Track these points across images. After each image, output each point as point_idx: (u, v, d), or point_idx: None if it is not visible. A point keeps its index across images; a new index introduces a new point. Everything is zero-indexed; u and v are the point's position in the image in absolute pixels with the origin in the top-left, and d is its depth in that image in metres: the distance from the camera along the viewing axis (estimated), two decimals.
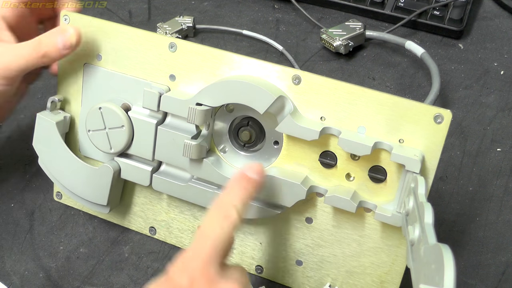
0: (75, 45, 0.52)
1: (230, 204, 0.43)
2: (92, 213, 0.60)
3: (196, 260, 0.40)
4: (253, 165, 0.46)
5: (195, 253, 0.40)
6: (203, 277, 0.39)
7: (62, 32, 0.51)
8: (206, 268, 0.40)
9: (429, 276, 0.35)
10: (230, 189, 0.44)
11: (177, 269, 0.40)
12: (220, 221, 0.42)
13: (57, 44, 0.51)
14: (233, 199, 0.43)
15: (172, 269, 0.40)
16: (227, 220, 0.42)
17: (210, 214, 0.43)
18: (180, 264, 0.40)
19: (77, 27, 0.52)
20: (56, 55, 0.52)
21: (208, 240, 0.41)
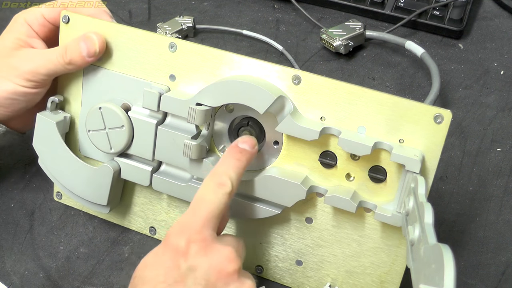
0: (99, 53, 0.52)
1: (223, 173, 0.45)
2: (92, 213, 0.60)
3: (192, 224, 0.42)
4: (245, 137, 0.49)
5: (191, 217, 0.43)
6: (199, 239, 0.42)
7: (86, 39, 0.52)
8: (202, 231, 0.42)
9: (429, 276, 0.35)
10: (224, 160, 0.47)
11: (174, 233, 0.42)
12: (215, 189, 0.44)
13: (81, 51, 0.52)
14: (226, 168, 0.46)
15: (170, 233, 0.43)
16: (221, 188, 0.44)
17: (205, 182, 0.45)
18: (177, 228, 0.43)
19: (101, 34, 0.52)
20: (81, 63, 0.52)
21: (203, 206, 0.43)
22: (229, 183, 0.45)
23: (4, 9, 0.87)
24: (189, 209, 0.44)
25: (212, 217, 0.43)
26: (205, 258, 0.41)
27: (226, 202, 0.44)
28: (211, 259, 0.41)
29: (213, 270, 0.41)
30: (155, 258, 0.42)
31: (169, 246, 0.42)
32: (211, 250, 0.42)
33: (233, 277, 0.41)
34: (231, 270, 0.41)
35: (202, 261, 0.41)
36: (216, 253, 0.42)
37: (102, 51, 0.52)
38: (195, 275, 0.41)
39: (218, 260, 0.41)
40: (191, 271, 0.41)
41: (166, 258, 0.42)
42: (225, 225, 0.48)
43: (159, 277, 0.41)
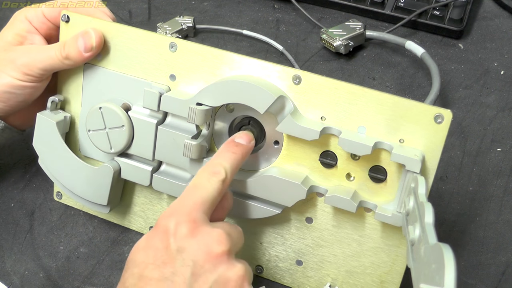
0: (96, 48, 0.52)
1: (218, 164, 0.46)
2: (92, 213, 0.60)
3: (183, 207, 0.43)
4: (241, 133, 0.50)
5: (183, 201, 0.44)
6: (188, 220, 0.42)
7: (83, 35, 0.52)
8: (192, 213, 0.42)
9: (429, 276, 0.35)
10: (219, 153, 0.48)
11: (165, 216, 0.43)
12: (208, 177, 0.45)
13: (78, 47, 0.52)
14: (221, 160, 0.47)
15: (161, 216, 0.43)
16: (215, 176, 0.45)
17: (199, 172, 0.46)
18: (168, 211, 0.43)
19: (99, 30, 0.52)
20: (78, 58, 0.52)
21: (196, 191, 0.44)
22: (223, 172, 0.45)
23: (4, 9, 0.87)
24: (181, 195, 0.44)
25: (204, 202, 0.43)
26: (194, 239, 0.41)
27: (220, 189, 0.45)
28: (200, 241, 0.41)
29: (201, 251, 0.41)
30: (146, 241, 0.43)
31: (159, 228, 0.42)
32: (200, 232, 0.42)
33: (221, 259, 0.41)
34: (220, 251, 0.41)
35: (190, 243, 0.41)
36: (205, 235, 0.42)
37: (100, 47, 0.52)
38: (183, 256, 0.41)
39: (206, 242, 0.41)
40: (179, 253, 0.41)
41: (156, 240, 0.42)
42: (224, 215, 0.48)
43: (148, 258, 0.41)
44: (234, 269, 0.41)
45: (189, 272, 0.40)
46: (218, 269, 0.41)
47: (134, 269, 0.41)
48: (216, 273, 0.41)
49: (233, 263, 0.42)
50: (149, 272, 0.41)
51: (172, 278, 0.40)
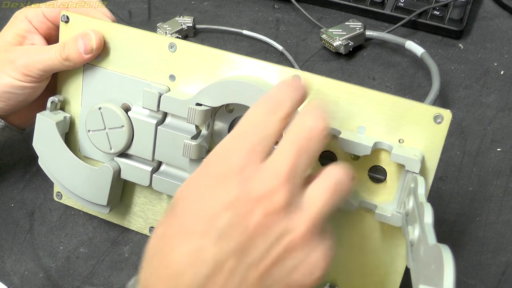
0: (96, 50, 0.52)
1: (280, 99, 0.38)
2: (92, 213, 0.60)
3: (239, 147, 0.37)
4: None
5: (235, 139, 0.37)
6: (247, 166, 0.36)
7: (83, 36, 0.52)
8: (248, 157, 0.36)
9: (429, 277, 0.35)
10: (280, 88, 0.39)
11: (216, 157, 0.37)
12: (266, 112, 0.38)
13: (78, 48, 0.52)
14: (285, 96, 0.38)
15: (209, 158, 0.38)
16: (275, 113, 0.37)
17: (255, 106, 0.38)
18: (219, 151, 0.37)
19: (99, 32, 0.52)
20: (78, 60, 0.52)
21: (248, 127, 0.38)
22: (286, 108, 0.38)
23: (4, 9, 0.87)
24: (231, 132, 0.38)
25: (258, 141, 0.37)
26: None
27: (279, 127, 0.38)
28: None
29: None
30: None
31: (209, 168, 0.37)
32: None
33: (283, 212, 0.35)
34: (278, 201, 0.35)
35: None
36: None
37: (100, 48, 0.52)
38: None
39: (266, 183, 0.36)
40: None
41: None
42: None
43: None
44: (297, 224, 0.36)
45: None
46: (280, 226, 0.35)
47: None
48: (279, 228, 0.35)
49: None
50: (192, 226, 0.36)
51: None
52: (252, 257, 0.35)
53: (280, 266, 0.35)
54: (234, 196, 0.35)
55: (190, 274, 0.34)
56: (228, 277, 0.35)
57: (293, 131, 0.37)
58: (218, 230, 0.35)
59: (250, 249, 0.35)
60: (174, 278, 0.35)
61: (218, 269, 0.34)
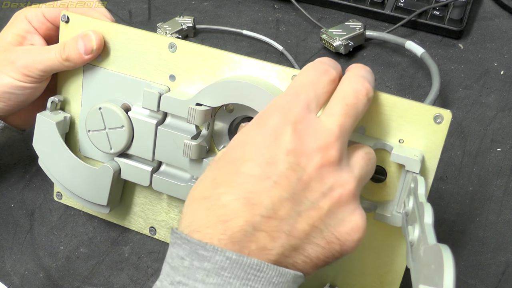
0: (96, 50, 0.52)
1: (327, 65, 0.41)
2: (92, 213, 0.60)
3: (293, 104, 0.38)
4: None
5: (290, 95, 0.39)
6: (304, 119, 0.38)
7: (83, 37, 0.52)
8: (305, 111, 0.38)
9: (428, 277, 0.35)
10: (323, 59, 0.42)
11: (271, 111, 0.38)
12: (317, 74, 0.40)
13: (78, 49, 0.52)
14: (330, 63, 0.42)
15: (263, 113, 0.39)
16: (325, 75, 0.40)
17: (305, 69, 0.41)
18: (273, 106, 0.39)
19: (99, 32, 0.52)
20: (79, 60, 0.53)
21: (303, 85, 0.39)
22: (334, 73, 0.41)
23: (4, 9, 0.87)
24: (286, 90, 0.40)
25: (312, 99, 0.39)
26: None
27: (330, 87, 0.41)
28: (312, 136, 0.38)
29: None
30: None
31: (264, 121, 0.38)
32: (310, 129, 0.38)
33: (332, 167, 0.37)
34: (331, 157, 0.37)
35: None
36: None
37: (100, 49, 0.52)
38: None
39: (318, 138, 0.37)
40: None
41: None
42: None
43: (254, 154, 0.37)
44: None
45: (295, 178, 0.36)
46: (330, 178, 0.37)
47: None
48: (327, 184, 0.37)
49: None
50: (248, 169, 0.37)
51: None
52: (304, 206, 0.36)
53: (328, 218, 0.37)
54: (292, 145, 0.36)
55: (245, 216, 0.35)
56: (279, 224, 0.36)
57: (342, 92, 0.40)
58: (277, 174, 0.36)
59: (303, 198, 0.36)
60: (227, 219, 0.35)
61: (271, 214, 0.35)
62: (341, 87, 0.40)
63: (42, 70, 0.53)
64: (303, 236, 0.37)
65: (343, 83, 0.41)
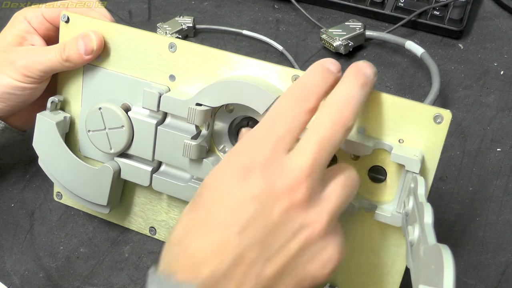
0: (96, 51, 0.52)
1: (309, 88, 0.40)
2: (92, 213, 0.60)
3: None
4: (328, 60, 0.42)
5: (263, 130, 0.39)
6: (273, 160, 0.37)
7: (84, 37, 0.52)
8: (274, 151, 0.37)
9: (428, 277, 0.35)
10: (311, 74, 0.41)
11: (242, 148, 0.38)
12: (293, 103, 0.39)
13: (79, 49, 0.52)
14: (315, 83, 0.40)
15: (235, 148, 0.39)
16: (303, 104, 0.39)
17: (284, 95, 0.40)
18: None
19: (99, 33, 0.52)
20: (79, 61, 0.52)
21: (276, 118, 0.39)
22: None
23: (4, 9, 0.87)
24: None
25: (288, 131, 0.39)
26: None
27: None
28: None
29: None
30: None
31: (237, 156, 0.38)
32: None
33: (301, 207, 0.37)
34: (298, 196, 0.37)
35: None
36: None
37: (100, 49, 0.52)
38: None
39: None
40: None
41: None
42: None
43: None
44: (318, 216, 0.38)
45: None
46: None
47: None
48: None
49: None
50: (216, 216, 0.37)
51: None
52: (271, 250, 0.36)
53: (297, 259, 0.37)
54: (259, 189, 0.36)
55: (213, 265, 0.35)
56: (247, 270, 0.36)
57: (318, 123, 0.38)
58: (242, 222, 0.36)
59: (270, 242, 0.36)
60: (196, 268, 0.36)
61: (239, 260, 0.36)
62: (318, 115, 0.39)
63: (42, 71, 0.53)
64: (272, 279, 0.36)
65: (319, 112, 0.39)
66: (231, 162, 0.38)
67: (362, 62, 0.41)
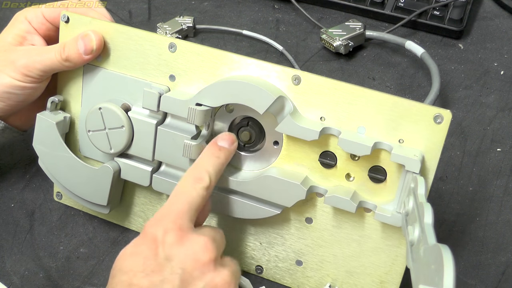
0: (96, 51, 0.52)
1: (202, 169, 0.47)
2: (92, 213, 0.60)
3: (169, 214, 0.44)
4: (224, 134, 0.50)
5: (169, 208, 0.44)
6: (175, 228, 0.43)
7: (83, 37, 0.52)
8: (178, 220, 0.43)
9: (428, 277, 0.35)
10: (203, 156, 0.48)
11: (152, 223, 0.44)
12: (192, 183, 0.46)
13: (78, 49, 0.52)
14: (206, 165, 0.47)
15: (147, 224, 0.44)
16: (200, 183, 0.46)
17: (184, 177, 0.47)
18: (155, 219, 0.44)
19: (99, 33, 0.52)
20: (78, 60, 0.53)
21: (181, 198, 0.45)
22: (207, 178, 0.46)
23: (4, 9, 0.87)
24: (167, 202, 0.45)
25: (189, 209, 0.44)
26: (182, 247, 0.42)
27: (204, 196, 0.46)
28: (187, 249, 0.42)
29: (189, 259, 0.42)
30: (134, 249, 0.43)
31: (147, 236, 0.43)
32: (187, 240, 0.43)
33: (209, 266, 0.42)
34: (207, 259, 0.42)
35: (178, 251, 0.42)
36: (193, 243, 0.43)
37: (100, 49, 0.52)
38: (172, 264, 0.42)
39: (194, 250, 0.42)
40: (168, 261, 0.42)
41: (144, 248, 0.42)
42: (204, 219, 0.49)
43: (137, 266, 0.42)
44: (220, 275, 0.43)
45: (178, 280, 0.41)
46: (206, 276, 0.42)
47: (122, 277, 0.42)
48: (204, 280, 0.42)
49: (220, 270, 0.43)
50: (138, 280, 0.41)
51: (162, 286, 0.41)
52: None
53: None
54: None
55: None
56: None
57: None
58: None
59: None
60: None
61: None
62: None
63: (42, 70, 0.53)
64: None
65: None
66: (139, 243, 0.43)
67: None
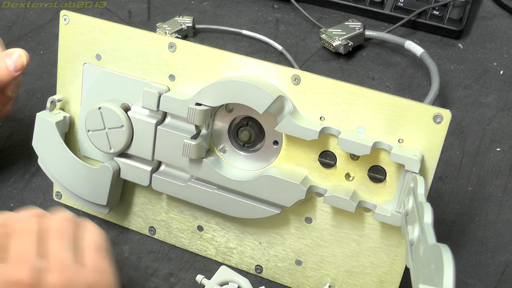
0: (25, 65, 0.55)
1: None
2: (91, 213, 0.60)
3: None
4: None
5: None
6: None
7: (10, 55, 0.55)
8: None
9: (428, 276, 0.35)
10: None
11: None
12: None
13: (7, 67, 0.54)
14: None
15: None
16: None
17: None
18: None
19: (21, 49, 0.55)
20: (7, 78, 0.55)
21: None
22: None
23: (4, 9, 0.86)
24: None
25: None
26: None
27: None
28: None
29: None
30: None
31: None
32: None
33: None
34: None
35: None
36: None
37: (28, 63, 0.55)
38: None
39: None
40: None
41: None
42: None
43: None
44: None
45: None
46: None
47: None
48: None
49: None
50: None
51: None
52: None
53: None
54: None
55: None
56: None
57: None
58: None
59: None
60: None
61: None
62: None
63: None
64: None
65: None
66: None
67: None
